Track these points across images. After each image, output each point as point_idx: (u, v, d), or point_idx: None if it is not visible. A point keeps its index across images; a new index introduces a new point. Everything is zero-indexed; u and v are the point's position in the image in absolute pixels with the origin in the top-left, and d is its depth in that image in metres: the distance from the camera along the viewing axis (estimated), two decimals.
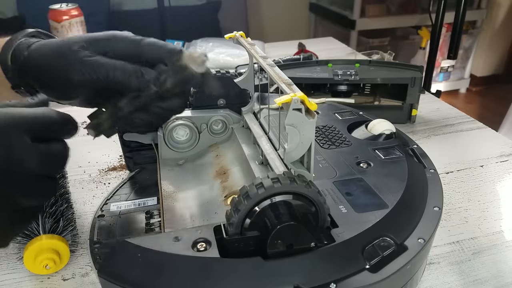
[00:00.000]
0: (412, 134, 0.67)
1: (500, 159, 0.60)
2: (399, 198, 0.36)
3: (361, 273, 0.30)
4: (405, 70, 0.69)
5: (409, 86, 0.66)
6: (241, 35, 0.45)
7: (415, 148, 0.47)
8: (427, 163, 0.45)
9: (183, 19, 1.86)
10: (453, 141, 0.66)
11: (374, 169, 0.41)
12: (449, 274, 0.41)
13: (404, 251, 0.32)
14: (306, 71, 0.71)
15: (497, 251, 0.44)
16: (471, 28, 2.47)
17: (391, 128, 0.49)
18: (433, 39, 1.10)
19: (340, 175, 0.40)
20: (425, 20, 2.21)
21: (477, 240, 0.45)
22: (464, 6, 1.05)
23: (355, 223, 0.33)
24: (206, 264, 0.29)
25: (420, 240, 0.33)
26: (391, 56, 0.86)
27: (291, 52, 0.99)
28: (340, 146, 0.46)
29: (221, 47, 1.01)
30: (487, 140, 0.66)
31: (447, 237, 0.45)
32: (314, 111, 0.30)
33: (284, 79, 0.33)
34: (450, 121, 0.72)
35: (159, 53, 0.38)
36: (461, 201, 0.51)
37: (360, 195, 0.37)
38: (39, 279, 0.40)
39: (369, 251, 0.32)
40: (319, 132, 0.49)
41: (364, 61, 0.73)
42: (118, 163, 0.59)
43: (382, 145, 0.45)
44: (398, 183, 0.39)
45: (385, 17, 2.23)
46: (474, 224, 0.47)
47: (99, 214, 0.45)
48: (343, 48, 1.17)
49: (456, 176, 0.57)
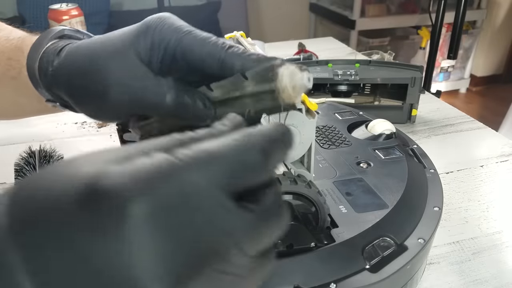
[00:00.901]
0: (412, 134, 0.67)
1: (500, 159, 0.60)
2: (399, 198, 0.36)
3: (361, 273, 0.30)
4: (405, 70, 0.69)
5: (409, 86, 0.66)
6: (241, 35, 0.45)
7: (415, 148, 0.47)
8: (427, 163, 0.45)
9: (183, 19, 1.85)
10: (453, 141, 0.66)
11: (374, 169, 0.41)
12: (449, 274, 0.41)
13: (404, 251, 0.32)
14: None
15: (497, 251, 0.44)
16: (471, 28, 2.47)
17: (391, 128, 0.49)
18: (433, 39, 1.10)
19: (340, 175, 0.40)
20: (425, 20, 2.21)
21: (477, 240, 0.45)
22: (464, 6, 1.05)
23: (355, 223, 0.33)
24: None
25: (420, 240, 0.33)
26: (391, 56, 0.86)
27: (291, 52, 0.99)
28: (340, 146, 0.46)
29: None
30: (487, 140, 0.66)
31: (447, 237, 0.45)
32: (315, 111, 0.30)
33: None
34: (450, 121, 0.72)
35: (241, 63, 0.29)
36: (461, 201, 0.51)
37: (360, 195, 0.37)
38: None
39: (369, 251, 0.32)
40: (319, 132, 0.49)
41: (364, 61, 0.73)
42: None
43: (382, 145, 0.45)
44: (398, 183, 0.39)
45: (385, 17, 2.23)
46: (474, 224, 0.47)
47: None
48: (343, 48, 1.17)
49: (456, 176, 0.57)
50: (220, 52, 0.29)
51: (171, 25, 0.31)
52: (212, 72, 0.30)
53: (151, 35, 0.30)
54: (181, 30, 0.30)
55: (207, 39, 0.30)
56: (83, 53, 0.31)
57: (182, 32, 0.30)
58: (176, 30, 0.30)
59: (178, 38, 0.30)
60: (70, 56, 0.32)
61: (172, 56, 0.30)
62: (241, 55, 0.29)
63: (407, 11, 2.26)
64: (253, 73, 0.28)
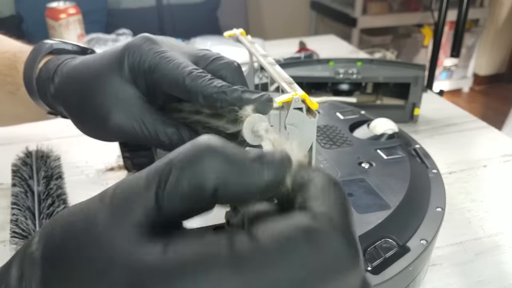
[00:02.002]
0: (415, 133, 0.67)
1: (503, 158, 0.60)
2: (401, 198, 0.36)
3: None
4: (408, 68, 0.69)
5: (412, 85, 0.66)
6: (241, 33, 0.45)
7: (418, 148, 0.47)
8: (429, 163, 0.44)
9: (182, 17, 1.85)
10: (456, 141, 0.65)
11: (376, 169, 0.41)
12: (452, 275, 0.40)
13: (406, 252, 0.32)
14: (307, 69, 0.70)
15: (500, 252, 0.43)
16: (473, 27, 2.46)
17: (394, 127, 0.48)
18: (436, 38, 1.09)
19: (341, 176, 0.40)
20: (427, 18, 2.20)
21: (480, 241, 0.44)
22: (466, 4, 1.04)
23: (356, 224, 0.33)
24: None
25: (422, 241, 0.33)
26: (393, 55, 0.86)
27: (292, 50, 0.98)
28: (342, 146, 0.45)
29: (220, 45, 1.01)
30: (490, 139, 0.65)
31: (450, 238, 0.45)
32: (316, 110, 0.30)
33: (284, 77, 0.33)
34: (453, 121, 0.71)
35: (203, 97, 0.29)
36: (464, 202, 0.51)
37: (362, 195, 0.37)
38: None
39: (371, 253, 0.31)
40: (320, 132, 0.48)
41: (366, 60, 0.72)
42: (116, 163, 0.59)
43: (384, 145, 0.45)
44: (400, 184, 0.38)
45: (387, 15, 2.22)
46: (477, 225, 0.47)
47: None
48: (344, 46, 1.16)
49: (459, 176, 0.56)
50: (186, 81, 0.29)
51: (150, 49, 0.31)
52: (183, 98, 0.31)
53: (131, 59, 0.31)
54: (157, 53, 0.31)
55: (178, 67, 0.30)
56: (76, 80, 0.33)
57: (158, 56, 0.30)
58: (153, 54, 0.31)
59: (154, 62, 0.30)
60: (64, 85, 0.33)
61: (152, 81, 0.31)
62: (204, 89, 0.29)
63: (410, 9, 2.25)
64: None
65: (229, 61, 0.32)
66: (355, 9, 2.12)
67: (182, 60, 0.30)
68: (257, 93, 0.29)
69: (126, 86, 0.31)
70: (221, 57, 0.32)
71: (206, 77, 0.29)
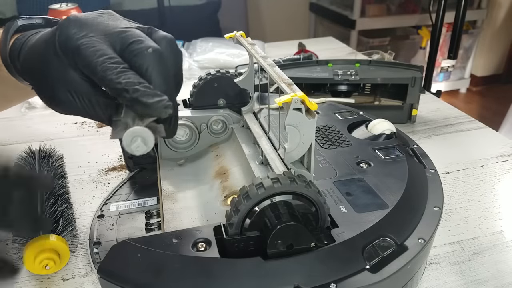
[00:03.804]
0: (412, 134, 0.67)
1: (500, 159, 0.60)
2: (399, 198, 0.36)
3: (361, 273, 0.30)
4: (405, 70, 0.69)
5: (409, 86, 0.66)
6: (241, 35, 0.45)
7: (415, 148, 0.47)
8: (427, 163, 0.44)
9: (183, 18, 1.86)
10: (453, 141, 0.66)
11: (374, 169, 0.41)
12: (449, 274, 0.41)
13: (404, 251, 0.32)
14: (306, 71, 0.71)
15: (497, 251, 0.44)
16: (471, 28, 2.47)
17: (391, 128, 0.49)
18: (433, 39, 1.09)
19: (340, 175, 0.40)
20: (425, 20, 2.21)
21: (477, 240, 0.45)
22: (464, 6, 1.05)
23: (355, 223, 0.33)
24: (206, 264, 0.29)
25: (420, 240, 0.33)
26: (391, 56, 0.86)
27: (291, 52, 0.99)
28: (340, 146, 0.46)
29: (221, 47, 1.01)
30: (487, 140, 0.66)
31: (447, 237, 0.45)
32: (314, 111, 0.30)
33: (284, 79, 0.33)
34: (450, 121, 0.72)
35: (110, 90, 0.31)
36: (461, 201, 0.51)
37: (360, 195, 0.37)
38: (38, 279, 0.40)
39: (369, 251, 0.32)
40: (319, 132, 0.49)
41: (364, 61, 0.73)
42: (117, 163, 0.59)
43: (382, 145, 0.45)
44: (398, 183, 0.38)
45: (385, 17, 2.23)
46: (474, 224, 0.47)
47: (99, 214, 0.45)
48: (343, 48, 1.17)
49: (456, 176, 0.56)
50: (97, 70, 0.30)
51: (74, 33, 0.32)
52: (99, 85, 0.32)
53: (60, 40, 0.32)
54: (78, 38, 0.32)
55: (94, 55, 0.31)
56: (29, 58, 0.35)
57: (79, 41, 0.32)
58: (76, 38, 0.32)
59: (76, 46, 0.31)
60: (23, 63, 0.35)
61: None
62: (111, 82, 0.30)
63: (407, 11, 2.26)
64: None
65: (143, 46, 0.32)
66: (354, 11, 2.13)
67: (100, 46, 0.31)
68: (158, 96, 0.30)
69: (63, 66, 0.32)
70: (139, 40, 0.32)
71: (116, 69, 0.30)
